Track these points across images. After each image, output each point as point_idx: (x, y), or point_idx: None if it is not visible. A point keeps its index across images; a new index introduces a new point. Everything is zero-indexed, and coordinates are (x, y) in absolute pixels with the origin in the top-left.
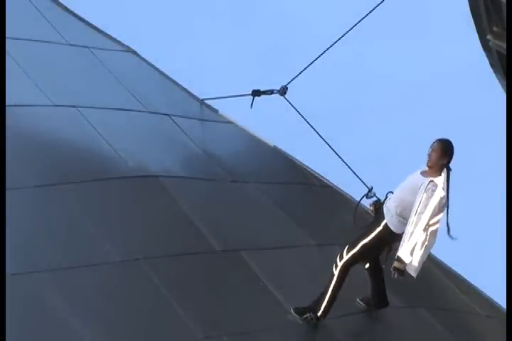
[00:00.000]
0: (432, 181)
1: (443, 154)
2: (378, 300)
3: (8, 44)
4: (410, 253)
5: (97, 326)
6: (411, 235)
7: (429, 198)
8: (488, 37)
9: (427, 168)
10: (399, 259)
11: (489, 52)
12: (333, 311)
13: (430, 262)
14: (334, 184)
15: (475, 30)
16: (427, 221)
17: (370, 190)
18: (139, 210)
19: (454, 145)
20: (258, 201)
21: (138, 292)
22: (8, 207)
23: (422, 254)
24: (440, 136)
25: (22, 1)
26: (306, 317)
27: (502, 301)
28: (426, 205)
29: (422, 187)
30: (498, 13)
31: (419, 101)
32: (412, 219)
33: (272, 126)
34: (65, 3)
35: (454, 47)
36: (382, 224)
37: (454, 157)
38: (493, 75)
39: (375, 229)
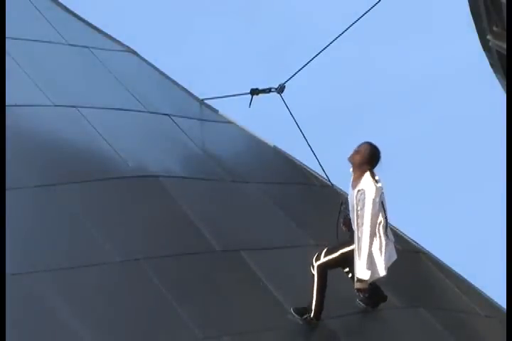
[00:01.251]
0: (358, 190)
1: (368, 159)
2: (377, 298)
3: (8, 44)
4: (367, 268)
5: (96, 326)
6: (360, 251)
7: (362, 209)
8: (488, 37)
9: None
10: (359, 280)
11: (489, 52)
12: (333, 311)
13: (430, 262)
14: (334, 184)
15: (475, 30)
16: (369, 230)
17: (341, 204)
18: (139, 210)
19: (380, 153)
20: (258, 201)
21: (138, 292)
22: (8, 207)
23: (385, 256)
24: (439, 137)
25: (22, 1)
26: (306, 317)
27: (502, 301)
28: (362, 216)
29: (355, 200)
30: (498, 13)
31: (419, 101)
32: (356, 234)
33: (271, 126)
34: (65, 3)
35: (454, 47)
36: None
37: (447, 155)
38: (493, 75)
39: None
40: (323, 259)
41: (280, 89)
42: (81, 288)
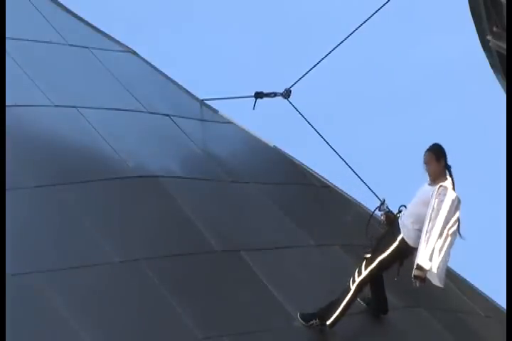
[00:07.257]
0: (441, 186)
1: (437, 160)
2: (379, 305)
3: (8, 44)
4: (429, 259)
5: (96, 326)
6: (428, 241)
7: (440, 202)
8: (488, 37)
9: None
10: (419, 267)
11: (489, 53)
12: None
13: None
14: (334, 184)
15: (475, 31)
16: (441, 225)
17: (382, 203)
18: (138, 210)
19: (441, 145)
20: (258, 201)
21: (138, 292)
22: (8, 207)
23: (442, 260)
24: (440, 138)
25: (22, 1)
26: (312, 323)
27: (502, 301)
28: (438, 210)
29: (434, 194)
30: (498, 13)
31: (420, 103)
32: (426, 226)
33: (271, 126)
34: (65, 3)
35: (453, 48)
36: (399, 238)
37: (448, 154)
38: (493, 76)
39: (391, 245)
40: (365, 273)
41: (286, 94)
42: (81, 288)
